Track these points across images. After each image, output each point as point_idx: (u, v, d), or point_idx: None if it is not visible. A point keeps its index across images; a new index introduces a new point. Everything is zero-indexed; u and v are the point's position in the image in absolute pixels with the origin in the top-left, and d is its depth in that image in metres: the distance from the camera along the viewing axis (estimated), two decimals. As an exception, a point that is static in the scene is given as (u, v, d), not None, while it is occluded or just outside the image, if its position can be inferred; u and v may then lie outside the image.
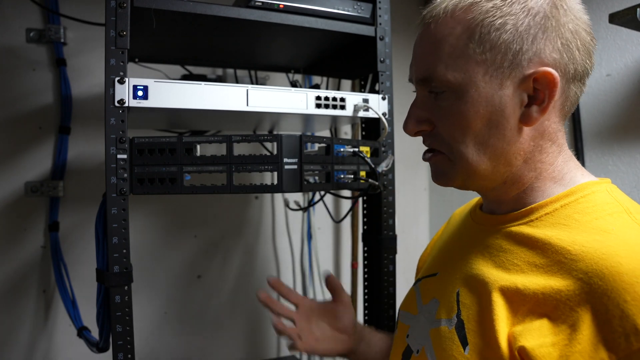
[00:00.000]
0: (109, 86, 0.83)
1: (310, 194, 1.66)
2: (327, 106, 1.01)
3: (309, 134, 1.48)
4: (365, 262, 1.15)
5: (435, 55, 0.59)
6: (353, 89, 1.64)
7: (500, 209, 0.67)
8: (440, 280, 0.71)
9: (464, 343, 0.58)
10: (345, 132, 1.75)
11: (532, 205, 0.62)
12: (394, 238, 1.10)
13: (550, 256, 0.55)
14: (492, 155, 0.61)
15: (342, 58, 1.25)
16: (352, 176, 1.01)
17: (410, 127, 0.65)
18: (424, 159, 0.67)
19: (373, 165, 1.01)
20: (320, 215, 1.71)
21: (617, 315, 0.48)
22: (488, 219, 0.68)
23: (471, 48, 0.57)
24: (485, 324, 0.57)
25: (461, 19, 0.58)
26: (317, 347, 0.87)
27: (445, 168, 0.64)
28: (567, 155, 0.64)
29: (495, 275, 0.59)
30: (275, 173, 0.91)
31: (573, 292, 0.51)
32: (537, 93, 0.58)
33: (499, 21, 0.57)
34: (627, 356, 0.47)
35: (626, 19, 1.05)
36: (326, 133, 1.54)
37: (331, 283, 0.93)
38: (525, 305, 0.54)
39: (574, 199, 0.60)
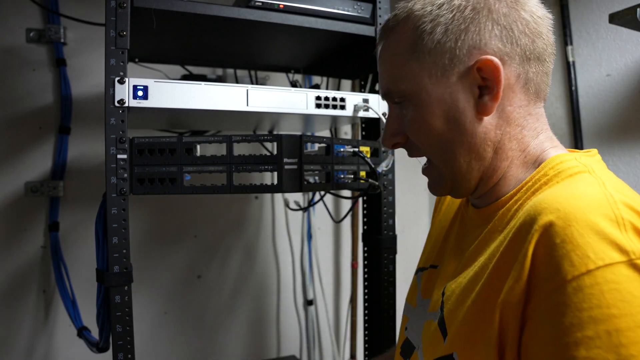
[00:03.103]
0: (109, 86, 0.83)
1: (310, 194, 1.66)
2: (327, 106, 1.01)
3: (309, 134, 1.48)
4: (365, 262, 1.15)
5: (388, 71, 0.65)
6: (353, 89, 1.64)
7: (482, 203, 0.67)
8: (439, 275, 0.72)
9: (444, 334, 0.59)
10: (345, 132, 1.75)
11: (506, 196, 0.61)
12: (394, 238, 1.10)
13: (505, 220, 0.57)
14: (461, 151, 0.61)
15: (342, 58, 1.24)
16: (352, 176, 1.01)
17: (386, 141, 0.68)
18: (422, 171, 0.69)
19: (373, 165, 1.01)
20: (320, 215, 1.71)
21: (545, 260, 0.47)
22: (474, 213, 0.69)
23: (413, 57, 0.61)
24: (469, 313, 0.55)
25: (401, 34, 0.62)
26: None
27: (437, 177, 0.66)
28: (544, 137, 0.63)
29: (476, 265, 0.59)
30: (275, 173, 0.91)
31: (522, 245, 0.50)
32: (485, 82, 0.59)
33: (429, 25, 0.60)
34: (547, 294, 0.46)
35: (626, 19, 1.05)
36: (326, 133, 1.54)
37: None
38: (497, 274, 0.53)
39: (537, 177, 0.59)
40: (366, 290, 1.14)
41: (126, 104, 0.84)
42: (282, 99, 0.97)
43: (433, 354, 0.60)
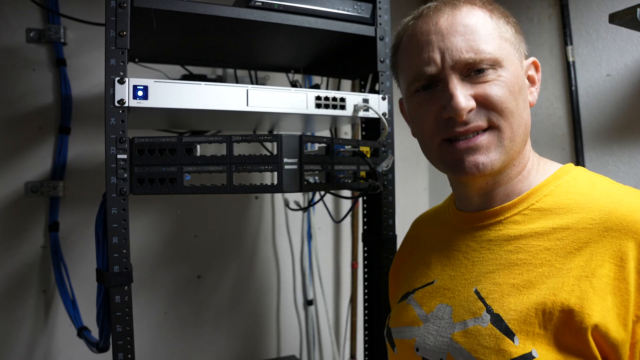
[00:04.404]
0: (109, 86, 0.83)
1: (310, 194, 1.66)
2: (327, 106, 1.01)
3: (309, 134, 1.48)
4: (365, 262, 1.15)
5: (477, 36, 0.65)
6: (353, 89, 1.64)
7: (491, 204, 0.70)
8: (443, 286, 0.70)
9: (510, 334, 0.58)
10: (345, 132, 1.75)
11: (529, 191, 0.67)
12: (394, 238, 1.10)
13: (573, 226, 0.60)
14: (523, 126, 0.67)
15: (342, 58, 1.25)
16: (352, 176, 1.01)
17: (464, 102, 0.64)
18: (463, 145, 0.65)
19: (373, 165, 1.01)
20: (320, 215, 1.71)
21: None
22: (478, 216, 0.71)
23: (503, 31, 0.68)
24: (537, 310, 0.58)
25: (483, 11, 0.68)
26: None
27: (492, 145, 0.65)
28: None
29: (521, 264, 0.63)
30: (275, 173, 0.91)
31: (612, 251, 0.56)
32: (529, 78, 0.71)
33: (505, 19, 0.69)
34: None
35: (626, 19, 1.04)
36: (326, 133, 1.54)
37: None
38: (570, 277, 0.57)
39: (564, 181, 0.67)
40: (366, 290, 1.14)
41: (126, 104, 0.84)
42: (282, 99, 0.97)
43: (502, 357, 0.59)
